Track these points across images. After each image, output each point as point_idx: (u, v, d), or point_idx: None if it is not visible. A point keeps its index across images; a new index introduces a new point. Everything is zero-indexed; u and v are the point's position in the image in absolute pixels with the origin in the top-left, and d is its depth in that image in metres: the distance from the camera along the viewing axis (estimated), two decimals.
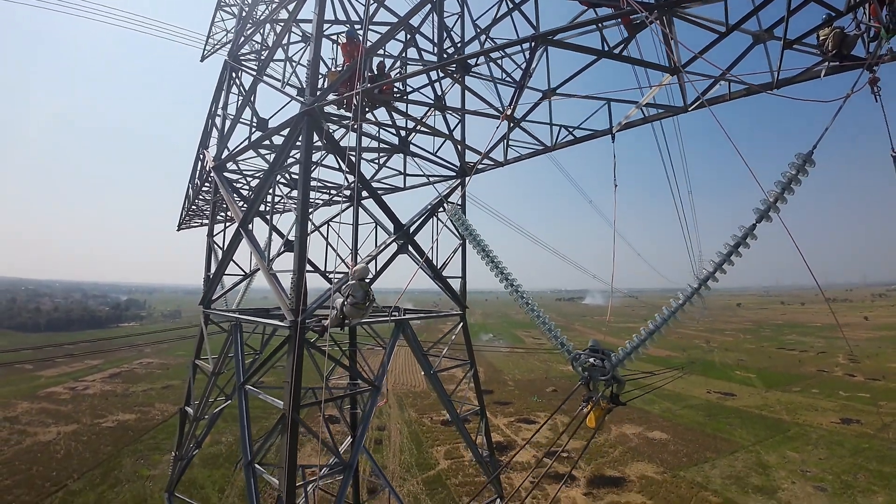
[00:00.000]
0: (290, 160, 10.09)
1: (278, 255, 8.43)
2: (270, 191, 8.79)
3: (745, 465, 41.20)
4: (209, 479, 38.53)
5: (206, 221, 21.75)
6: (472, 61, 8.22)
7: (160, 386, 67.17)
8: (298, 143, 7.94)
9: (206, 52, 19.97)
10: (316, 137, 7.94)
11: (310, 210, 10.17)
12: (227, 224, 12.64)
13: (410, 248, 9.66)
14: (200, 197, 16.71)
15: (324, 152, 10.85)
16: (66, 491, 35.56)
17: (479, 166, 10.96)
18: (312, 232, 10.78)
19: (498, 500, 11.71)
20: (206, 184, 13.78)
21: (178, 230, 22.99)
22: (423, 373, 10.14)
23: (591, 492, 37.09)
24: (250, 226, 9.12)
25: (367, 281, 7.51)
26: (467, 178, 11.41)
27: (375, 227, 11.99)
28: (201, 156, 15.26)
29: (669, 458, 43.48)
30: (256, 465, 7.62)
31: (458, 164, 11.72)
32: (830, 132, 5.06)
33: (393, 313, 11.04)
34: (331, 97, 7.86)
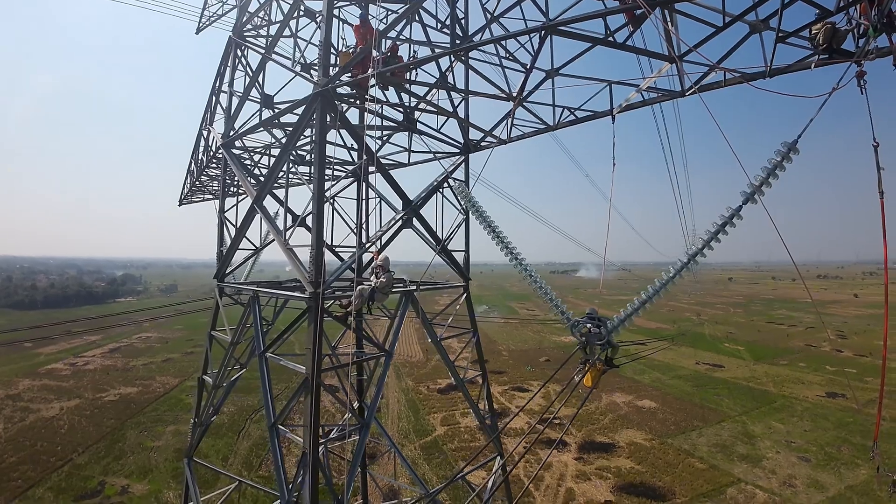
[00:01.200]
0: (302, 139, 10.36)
1: (292, 230, 8.86)
2: (283, 168, 9.12)
3: (732, 434, 42.61)
4: (213, 448, 39.55)
5: (209, 196, 22.10)
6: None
7: (160, 359, 67.98)
8: (311, 122, 8.27)
9: (201, 24, 19.71)
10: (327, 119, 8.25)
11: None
12: (241, 198, 12.93)
13: (417, 222, 10.15)
14: (205, 173, 16.94)
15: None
16: (71, 465, 36.14)
17: (483, 143, 11.35)
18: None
19: (498, 457, 12.53)
20: (214, 161, 14.00)
21: (179, 205, 23.26)
22: (421, 344, 10.71)
23: (581, 457, 38.49)
24: (264, 202, 9.48)
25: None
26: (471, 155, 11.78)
27: (380, 202, 12.38)
28: (205, 132, 15.45)
29: (658, 425, 44.94)
30: (280, 426, 8.23)
31: (461, 141, 12.03)
32: (833, 111, 5.51)
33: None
34: (344, 78, 8.14)
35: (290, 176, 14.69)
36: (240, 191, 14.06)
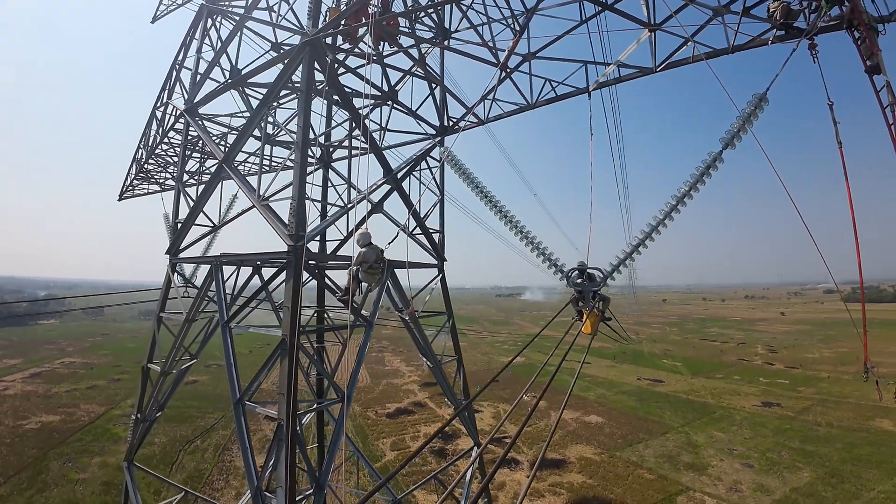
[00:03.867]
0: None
1: (265, 189, 8.41)
2: (261, 122, 8.62)
3: (676, 444, 43.83)
4: (143, 481, 36.31)
5: (154, 188, 20.68)
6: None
7: (84, 386, 62.22)
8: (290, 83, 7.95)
9: (158, 12, 18.65)
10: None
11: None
12: (203, 173, 12.15)
13: (389, 206, 9.96)
14: (155, 155, 15.83)
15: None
16: None
17: (461, 124, 11.37)
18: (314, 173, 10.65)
19: (475, 448, 12.06)
20: (170, 134, 13.14)
21: (119, 200, 21.57)
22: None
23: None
24: (235, 164, 8.91)
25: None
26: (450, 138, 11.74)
27: (348, 187, 12.10)
28: (158, 113, 14.53)
29: (606, 440, 45.57)
30: (248, 402, 7.55)
31: (438, 125, 11.92)
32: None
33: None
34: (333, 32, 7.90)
35: (258, 157, 14.10)
36: (198, 174, 13.30)
